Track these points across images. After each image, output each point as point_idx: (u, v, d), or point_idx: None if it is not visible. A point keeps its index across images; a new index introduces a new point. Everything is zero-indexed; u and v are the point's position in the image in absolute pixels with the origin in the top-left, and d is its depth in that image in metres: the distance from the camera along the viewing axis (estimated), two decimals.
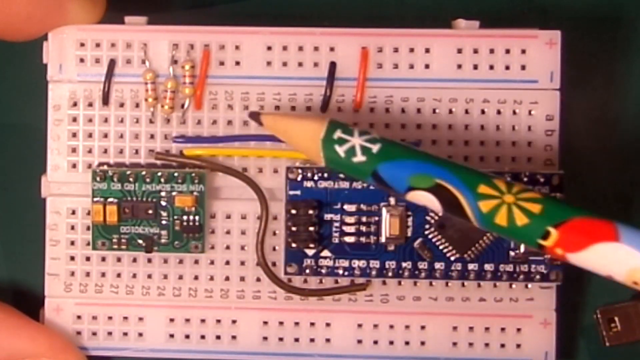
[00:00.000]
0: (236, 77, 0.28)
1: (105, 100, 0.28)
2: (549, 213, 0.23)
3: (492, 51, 0.27)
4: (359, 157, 0.24)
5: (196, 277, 0.28)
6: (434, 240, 0.27)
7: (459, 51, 0.27)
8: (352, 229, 0.27)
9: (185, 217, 0.27)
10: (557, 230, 0.22)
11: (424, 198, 0.24)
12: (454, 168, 0.24)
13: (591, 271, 0.23)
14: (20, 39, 0.27)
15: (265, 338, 0.28)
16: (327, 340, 0.28)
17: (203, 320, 0.28)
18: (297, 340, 0.28)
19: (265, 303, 0.28)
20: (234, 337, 0.28)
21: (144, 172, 0.27)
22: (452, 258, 0.27)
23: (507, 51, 0.27)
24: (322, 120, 0.24)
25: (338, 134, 0.24)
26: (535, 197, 0.23)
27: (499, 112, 0.28)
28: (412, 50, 0.27)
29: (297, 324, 0.28)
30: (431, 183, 0.23)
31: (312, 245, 0.27)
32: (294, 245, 0.27)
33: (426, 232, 0.27)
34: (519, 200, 0.23)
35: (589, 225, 0.22)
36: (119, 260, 0.28)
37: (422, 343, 0.28)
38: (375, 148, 0.24)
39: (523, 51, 0.27)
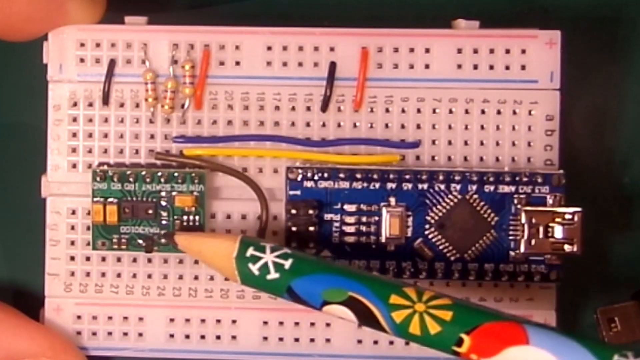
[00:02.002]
0: (236, 77, 0.28)
1: (105, 100, 0.28)
2: (459, 320, 0.23)
3: (492, 51, 0.27)
4: (273, 274, 0.24)
5: (196, 277, 0.28)
6: (434, 240, 0.27)
7: (459, 51, 0.27)
8: (352, 229, 0.27)
9: (185, 217, 0.27)
10: (469, 336, 0.23)
11: (340, 311, 0.24)
12: (365, 280, 0.24)
13: None
14: (20, 39, 0.27)
15: (265, 338, 0.28)
16: (327, 340, 0.28)
17: (203, 320, 0.28)
18: (297, 340, 0.28)
19: (265, 303, 0.28)
20: (234, 337, 0.28)
21: (144, 172, 0.27)
22: (452, 258, 0.27)
23: (507, 51, 0.27)
24: (235, 239, 0.25)
25: (250, 251, 0.24)
26: (445, 303, 0.23)
27: (499, 112, 0.28)
28: (412, 50, 0.27)
29: (297, 324, 0.28)
30: (345, 296, 0.24)
31: (312, 245, 0.27)
32: (294, 245, 0.27)
33: (426, 232, 0.27)
34: (429, 308, 0.23)
35: (500, 330, 0.23)
36: (119, 260, 0.28)
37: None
38: (287, 264, 0.24)
39: (523, 51, 0.27)
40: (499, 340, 0.23)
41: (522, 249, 0.27)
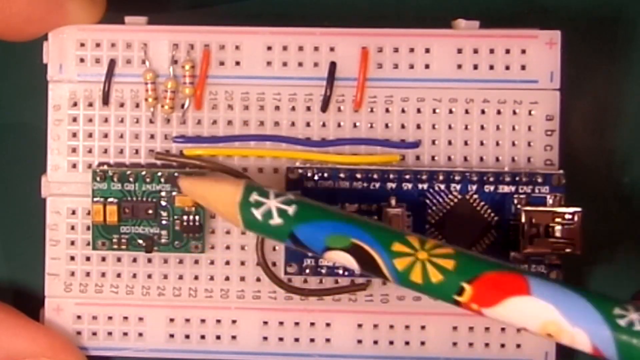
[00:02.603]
0: (236, 77, 0.28)
1: (106, 100, 0.28)
2: (461, 269, 0.23)
3: (492, 51, 0.27)
4: (276, 220, 0.24)
5: (196, 277, 0.28)
6: None
7: (459, 51, 0.27)
8: None
9: (185, 217, 0.27)
10: (470, 285, 0.23)
11: (342, 258, 0.24)
12: (368, 227, 0.24)
13: (507, 324, 0.23)
14: (20, 39, 0.27)
15: (265, 338, 0.28)
16: (327, 340, 0.28)
17: (203, 320, 0.28)
18: (297, 340, 0.28)
19: (265, 303, 0.28)
20: (234, 337, 0.28)
21: (144, 172, 0.27)
22: None
23: (507, 51, 0.27)
24: (239, 184, 0.25)
25: (254, 197, 0.24)
26: (448, 252, 0.23)
27: (499, 112, 0.28)
28: (412, 50, 0.27)
29: (297, 324, 0.28)
30: (347, 243, 0.24)
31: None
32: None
33: (426, 232, 0.27)
34: (432, 256, 0.23)
35: (501, 280, 0.23)
36: (119, 260, 0.28)
37: (422, 343, 0.28)
38: (291, 210, 0.24)
39: (523, 51, 0.27)
40: (501, 290, 0.22)
41: (522, 249, 0.27)
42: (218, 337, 0.28)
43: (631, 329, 0.22)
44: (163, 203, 0.27)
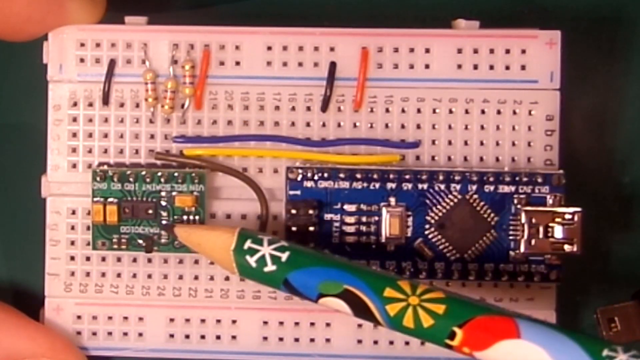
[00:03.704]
0: (236, 77, 0.28)
1: (106, 100, 0.28)
2: (452, 313, 0.23)
3: (492, 51, 0.27)
4: (270, 267, 0.24)
5: (196, 277, 0.28)
6: (434, 240, 0.27)
7: (459, 51, 0.27)
8: (352, 229, 0.27)
9: (185, 217, 0.27)
10: (461, 329, 0.23)
11: (335, 304, 0.24)
12: (360, 273, 0.24)
13: None
14: (20, 39, 0.27)
15: (265, 338, 0.28)
16: (327, 340, 0.28)
17: (203, 320, 0.28)
18: (297, 340, 0.28)
19: (265, 303, 0.28)
20: (234, 337, 0.28)
21: (144, 172, 0.27)
22: (452, 258, 0.27)
23: (507, 51, 0.27)
24: (233, 231, 0.25)
25: (248, 244, 0.25)
26: (438, 297, 0.23)
27: (499, 112, 0.28)
28: (412, 50, 0.27)
29: (297, 324, 0.28)
30: (340, 289, 0.24)
31: (312, 245, 0.27)
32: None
33: (426, 232, 0.27)
34: (423, 301, 0.23)
35: (491, 323, 0.23)
36: (119, 260, 0.28)
37: (422, 343, 0.28)
38: (284, 257, 0.24)
39: (523, 51, 0.27)
40: (491, 333, 0.23)
41: (522, 249, 0.27)
42: (218, 337, 0.28)
43: None
44: (163, 203, 0.27)
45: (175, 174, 0.27)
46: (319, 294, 0.24)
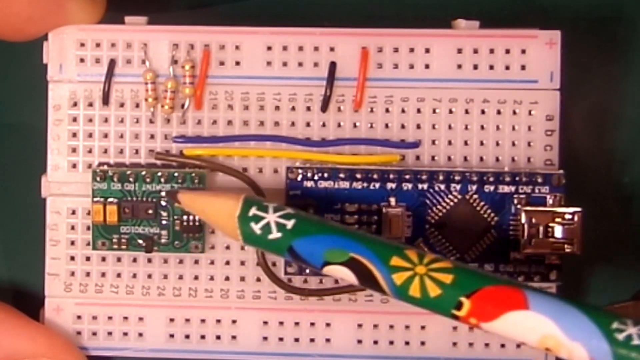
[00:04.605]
0: (236, 77, 0.28)
1: (106, 100, 0.28)
2: (460, 283, 0.23)
3: (492, 51, 0.27)
4: (275, 234, 0.24)
5: (196, 277, 0.28)
6: (434, 240, 0.27)
7: (459, 51, 0.27)
8: None
9: (185, 217, 0.27)
10: (469, 300, 0.23)
11: (340, 272, 0.24)
12: (367, 241, 0.24)
13: (506, 338, 0.23)
14: (20, 39, 0.27)
15: (265, 338, 0.28)
16: (327, 340, 0.28)
17: (203, 320, 0.28)
18: (297, 340, 0.28)
19: (265, 303, 0.28)
20: (234, 337, 0.28)
21: (144, 172, 0.27)
22: (452, 258, 0.27)
23: (507, 51, 0.27)
24: (238, 198, 0.25)
25: (253, 211, 0.24)
26: (446, 267, 0.23)
27: (499, 112, 0.28)
28: (412, 50, 0.27)
29: (297, 324, 0.28)
30: (346, 257, 0.24)
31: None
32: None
33: (426, 232, 0.27)
34: (430, 271, 0.23)
35: (500, 294, 0.23)
36: (119, 260, 0.28)
37: (422, 343, 0.28)
38: (289, 224, 0.24)
39: (523, 51, 0.27)
40: (499, 304, 0.23)
41: (522, 249, 0.27)
42: (218, 337, 0.28)
43: (629, 343, 0.22)
44: (163, 203, 0.27)
45: (175, 174, 0.27)
46: (324, 261, 0.24)
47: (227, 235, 0.25)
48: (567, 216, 0.26)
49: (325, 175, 0.27)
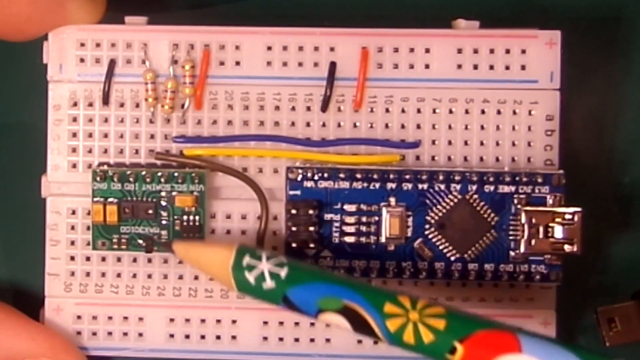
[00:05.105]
0: (236, 77, 0.28)
1: (106, 100, 0.28)
2: (453, 328, 0.23)
3: (492, 51, 0.27)
4: (269, 283, 0.24)
5: (196, 277, 0.28)
6: (434, 240, 0.27)
7: (459, 51, 0.27)
8: (352, 229, 0.27)
9: (185, 217, 0.27)
10: (462, 345, 0.23)
11: (335, 320, 0.24)
12: (360, 288, 0.24)
13: None
14: (21, 39, 0.27)
15: (265, 338, 0.28)
16: (327, 340, 0.28)
17: (203, 320, 0.28)
18: (297, 340, 0.28)
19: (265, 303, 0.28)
20: (234, 337, 0.28)
21: (144, 172, 0.27)
22: (452, 258, 0.27)
23: (507, 51, 0.27)
24: (231, 248, 0.25)
25: (247, 260, 0.24)
26: (439, 312, 0.23)
27: (499, 112, 0.28)
28: (412, 50, 0.27)
29: (297, 324, 0.28)
30: (339, 305, 0.24)
31: (312, 245, 0.27)
32: (294, 245, 0.27)
33: (426, 232, 0.27)
34: (423, 316, 0.23)
35: (492, 338, 0.23)
36: (119, 260, 0.28)
37: None
38: (283, 273, 0.24)
39: (523, 51, 0.27)
40: (492, 348, 0.23)
41: (522, 249, 0.27)
42: (218, 337, 0.28)
43: None
44: (163, 203, 0.27)
45: (175, 174, 0.27)
46: (319, 309, 0.24)
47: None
48: (567, 216, 0.26)
49: (325, 175, 0.27)
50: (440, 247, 0.27)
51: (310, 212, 0.27)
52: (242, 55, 0.28)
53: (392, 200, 0.27)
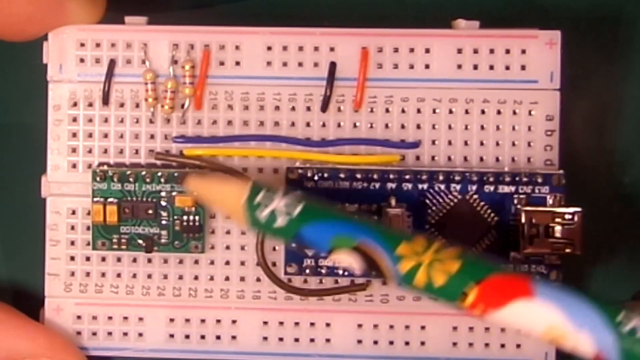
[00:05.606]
0: (236, 77, 0.28)
1: (105, 100, 0.28)
2: (466, 271, 0.23)
3: (492, 51, 0.27)
4: (281, 221, 0.24)
5: (196, 277, 0.28)
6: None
7: (459, 51, 0.27)
8: None
9: (185, 217, 0.27)
10: (475, 288, 0.23)
11: (347, 258, 0.24)
12: (374, 228, 0.24)
13: (511, 328, 0.23)
14: (21, 39, 0.27)
15: (265, 338, 0.28)
16: (327, 340, 0.28)
17: (203, 320, 0.28)
18: (297, 340, 0.28)
19: (265, 303, 0.28)
20: (234, 337, 0.28)
21: (144, 172, 0.27)
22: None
23: (507, 51, 0.27)
24: (245, 184, 0.24)
25: (260, 197, 0.24)
26: (453, 254, 0.23)
27: (499, 112, 0.28)
28: (412, 50, 0.27)
29: (297, 324, 0.28)
30: (352, 244, 0.24)
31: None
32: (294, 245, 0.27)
33: (426, 232, 0.27)
34: (436, 259, 0.23)
35: (507, 283, 0.23)
36: (119, 260, 0.28)
37: (422, 343, 0.28)
38: (296, 210, 0.24)
39: (523, 51, 0.27)
40: (506, 292, 0.22)
41: (522, 249, 0.27)
42: (218, 337, 0.28)
43: (634, 335, 0.22)
44: (163, 203, 0.27)
45: (175, 174, 0.27)
46: (331, 247, 0.24)
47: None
48: (567, 216, 0.26)
49: (325, 175, 0.27)
50: None
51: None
52: (242, 55, 0.28)
53: (392, 200, 0.27)
